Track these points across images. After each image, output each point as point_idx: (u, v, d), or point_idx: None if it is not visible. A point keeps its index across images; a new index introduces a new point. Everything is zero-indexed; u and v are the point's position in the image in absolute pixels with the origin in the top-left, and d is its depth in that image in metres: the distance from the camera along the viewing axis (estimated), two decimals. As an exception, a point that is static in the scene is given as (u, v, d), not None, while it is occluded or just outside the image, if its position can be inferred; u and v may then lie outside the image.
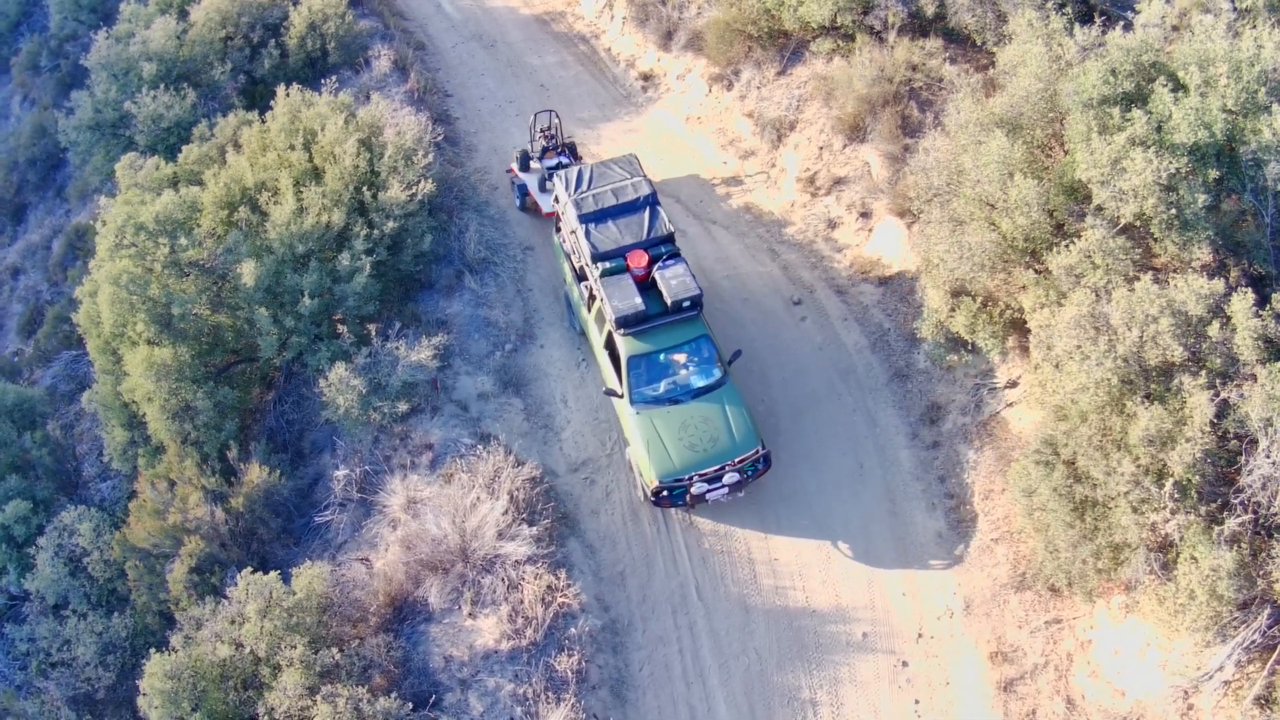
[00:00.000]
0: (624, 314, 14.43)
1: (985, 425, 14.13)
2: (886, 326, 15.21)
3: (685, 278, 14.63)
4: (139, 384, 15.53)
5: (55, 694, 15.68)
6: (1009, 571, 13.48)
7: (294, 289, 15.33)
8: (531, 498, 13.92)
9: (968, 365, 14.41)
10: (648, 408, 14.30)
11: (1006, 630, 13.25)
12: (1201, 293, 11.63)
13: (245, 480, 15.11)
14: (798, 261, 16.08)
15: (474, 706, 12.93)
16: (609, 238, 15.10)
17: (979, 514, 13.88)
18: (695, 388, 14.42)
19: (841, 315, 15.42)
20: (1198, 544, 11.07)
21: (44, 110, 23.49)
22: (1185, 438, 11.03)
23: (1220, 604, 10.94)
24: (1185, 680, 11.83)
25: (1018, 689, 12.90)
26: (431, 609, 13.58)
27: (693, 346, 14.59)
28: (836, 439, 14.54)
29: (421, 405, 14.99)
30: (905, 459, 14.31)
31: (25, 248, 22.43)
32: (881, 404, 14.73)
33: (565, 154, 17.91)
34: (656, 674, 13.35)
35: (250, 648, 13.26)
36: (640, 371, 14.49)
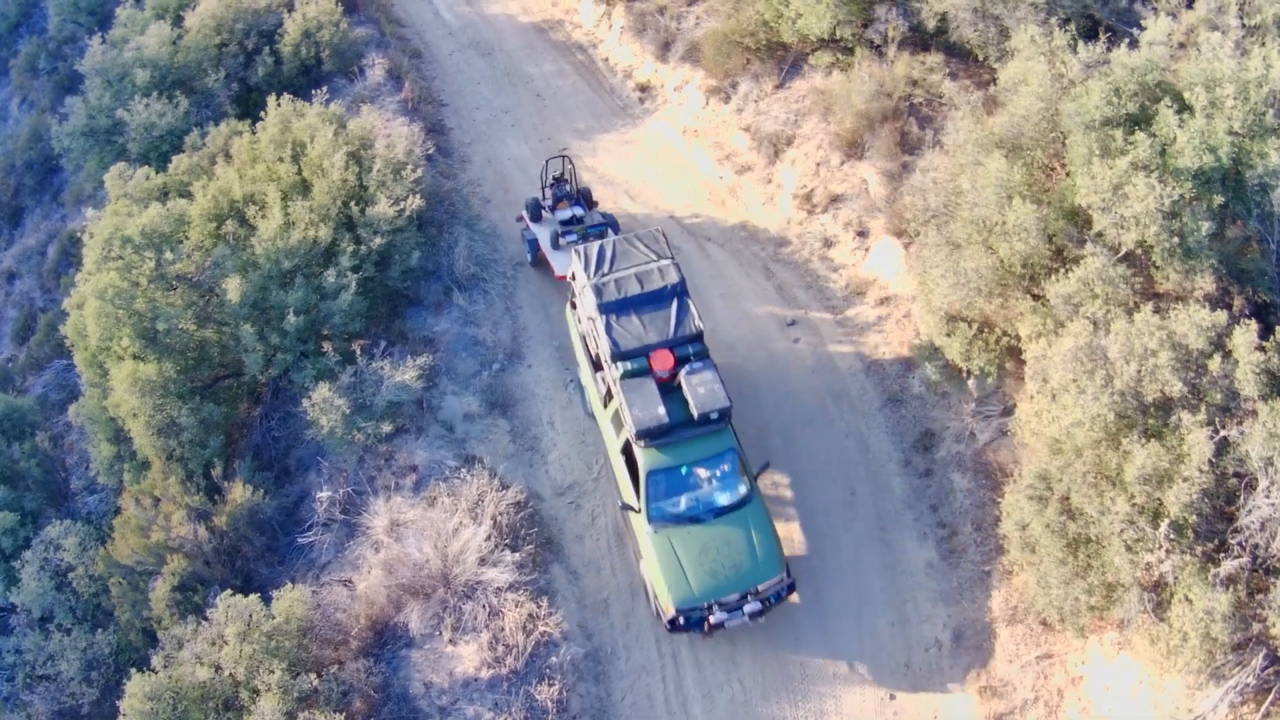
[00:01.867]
0: (645, 426, 13.32)
1: (979, 454, 13.85)
2: (881, 350, 14.92)
3: (714, 385, 13.49)
4: (124, 399, 15.43)
5: (40, 708, 15.64)
6: (1000, 604, 13.22)
7: (280, 306, 15.19)
8: (515, 523, 13.75)
9: (963, 392, 14.10)
10: (666, 526, 13.27)
11: (996, 664, 13.00)
12: (1203, 325, 11.31)
13: (229, 499, 15.00)
14: (793, 280, 15.81)
15: (452, 734, 12.80)
16: (631, 333, 13.91)
17: (971, 544, 13.61)
18: (719, 506, 13.38)
19: (836, 337, 15.15)
20: (1192, 585, 10.80)
21: (42, 113, 23.48)
22: (1182, 477, 10.74)
23: (1214, 646, 10.68)
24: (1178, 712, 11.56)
25: (1005, 726, 12.66)
26: (412, 634, 13.43)
27: (719, 461, 13.50)
28: (828, 464, 14.29)
29: (407, 425, 14.84)
30: (897, 486, 14.05)
31: (21, 252, 22.43)
32: (874, 429, 14.47)
33: (580, 203, 16.95)
34: (639, 704, 13.16)
35: (229, 671, 13.17)
36: (660, 487, 13.44)
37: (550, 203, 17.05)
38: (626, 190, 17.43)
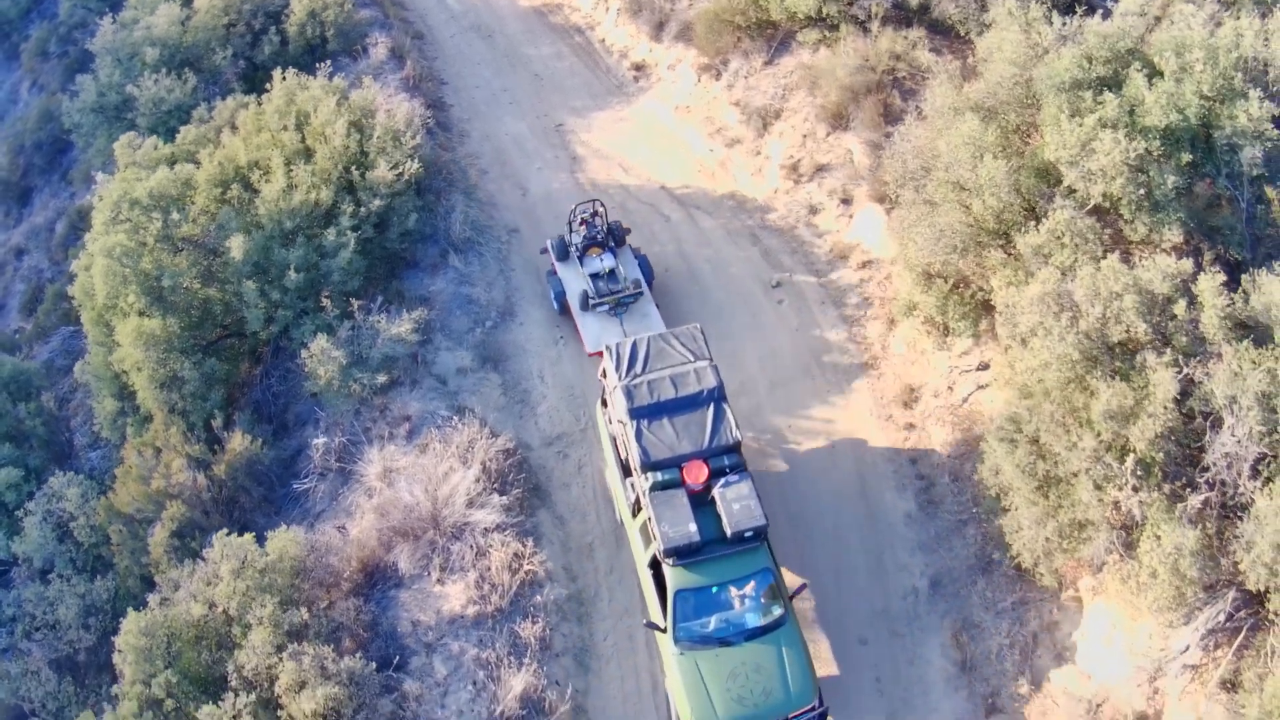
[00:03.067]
0: (675, 544, 12.80)
1: (958, 408, 14.45)
2: (863, 311, 15.57)
3: (750, 501, 12.98)
4: (129, 354, 16.13)
5: (38, 655, 16.20)
6: (976, 553, 13.78)
7: (281, 263, 15.92)
8: (504, 468, 14.37)
9: (942, 349, 14.72)
10: (693, 648, 12.80)
11: (972, 611, 13.54)
12: (1168, 271, 11.92)
13: (228, 449, 15.66)
14: (778, 246, 16.51)
15: (438, 670, 13.35)
16: (664, 442, 13.38)
17: (948, 495, 14.20)
18: (750, 627, 12.90)
19: (819, 299, 15.82)
20: (1160, 522, 11.33)
21: (52, 96, 24.39)
22: (1148, 413, 11.28)
23: (1184, 583, 11.17)
24: (1150, 661, 12.02)
25: (981, 670, 13.20)
26: (401, 574, 14.02)
27: (752, 580, 13.00)
28: (810, 419, 14.91)
29: (401, 379, 15.51)
30: (877, 435, 14.69)
31: (29, 229, 23.25)
32: (857, 387, 15.08)
33: (611, 250, 16.47)
34: (620, 644, 13.75)
35: (223, 607, 13.75)
36: (688, 606, 12.97)
37: (579, 246, 16.55)
38: (620, 164, 18.18)
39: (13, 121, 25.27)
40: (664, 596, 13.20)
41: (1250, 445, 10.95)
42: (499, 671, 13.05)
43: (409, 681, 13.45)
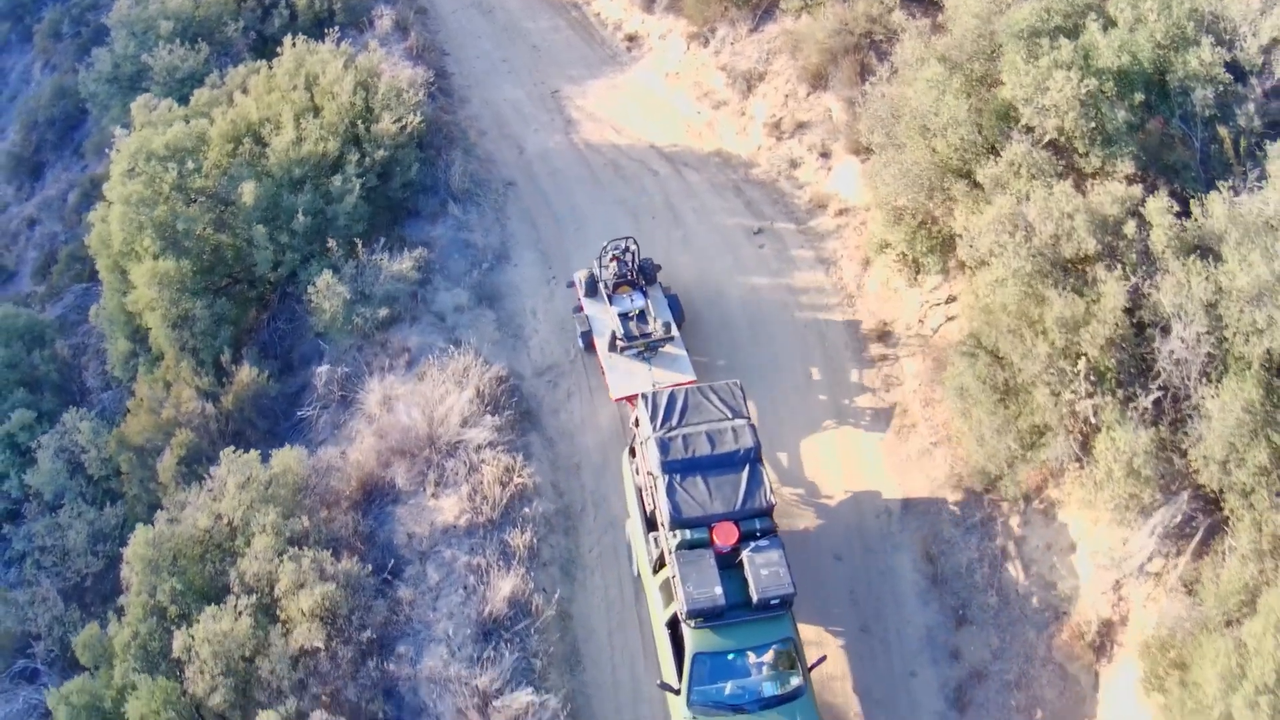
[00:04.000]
0: (699, 606, 12.84)
1: (928, 339, 15.66)
2: (840, 253, 16.91)
3: (779, 569, 12.99)
4: (143, 294, 17.44)
5: (47, 584, 17.28)
6: (946, 473, 14.96)
7: (290, 209, 17.28)
8: (497, 394, 15.61)
9: (913, 286, 15.97)
10: (706, 713, 12.90)
11: (942, 528, 14.69)
12: (1118, 195, 13.20)
13: (236, 381, 16.90)
14: (761, 198, 17.86)
15: (430, 576, 14.50)
16: (696, 500, 13.38)
17: (920, 421, 15.39)
18: (765, 697, 12.96)
19: (798, 244, 17.14)
20: (1114, 424, 12.47)
21: (64, 75, 25.89)
22: (1098, 319, 12.47)
23: (1139, 482, 12.28)
24: (1111, 562, 13.06)
25: (952, 583, 14.34)
26: (398, 491, 15.21)
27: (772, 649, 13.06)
28: (789, 351, 16.22)
29: (402, 315, 16.79)
30: (853, 370, 15.87)
31: (42, 201, 24.66)
32: (832, 322, 16.34)
33: (642, 290, 16.42)
34: (605, 556, 14.90)
35: (228, 518, 14.90)
36: (704, 670, 13.02)
37: (609, 284, 16.47)
38: (612, 126, 19.59)
39: (25, 100, 26.79)
40: (680, 657, 13.21)
41: (1198, 349, 12.12)
42: (488, 576, 14.19)
43: (403, 588, 14.61)
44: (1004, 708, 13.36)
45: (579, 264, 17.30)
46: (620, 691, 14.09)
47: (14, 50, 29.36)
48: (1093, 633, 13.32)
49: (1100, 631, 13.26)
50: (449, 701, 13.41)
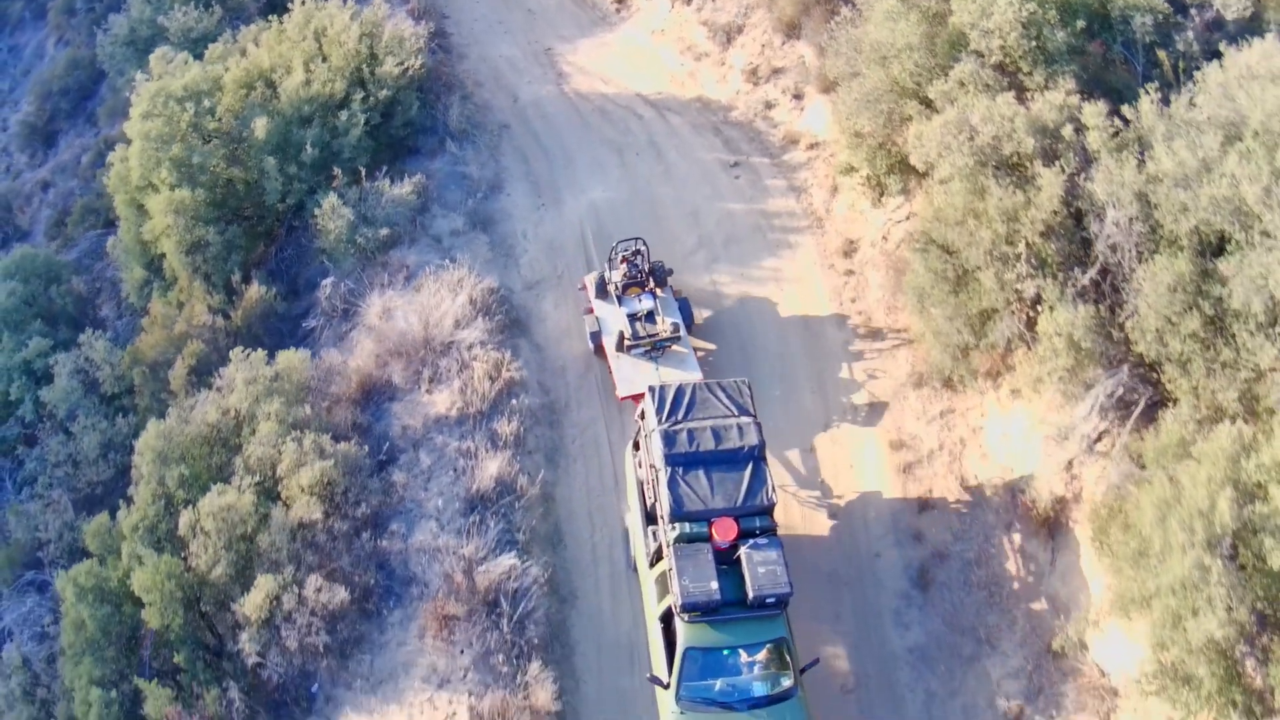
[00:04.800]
0: (694, 600, 13.16)
1: (891, 253, 17.26)
2: (811, 182, 18.64)
3: (777, 567, 13.26)
4: (159, 222, 19.09)
5: (58, 495, 18.69)
6: (908, 372, 16.48)
7: (298, 142, 19.01)
8: (489, 302, 17.20)
9: (878, 207, 17.61)
10: (694, 710, 13.17)
11: (906, 422, 16.18)
12: (1056, 103, 14.82)
13: (245, 298, 18.48)
14: (738, 136, 19.64)
15: (423, 461, 15.97)
16: (697, 494, 13.72)
17: (884, 327, 16.92)
18: (755, 696, 13.22)
19: (772, 175, 18.88)
20: (1055, 302, 13.82)
21: (78, 49, 27.81)
22: (1036, 206, 13.98)
23: (1080, 355, 13.47)
24: (1057, 432, 14.33)
25: (915, 472, 15.80)
26: (395, 389, 16.74)
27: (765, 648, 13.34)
28: (760, 264, 17.84)
29: (401, 237, 18.39)
30: (822, 283, 17.56)
31: (56, 165, 26.42)
32: (803, 241, 18.01)
33: (651, 293, 16.94)
34: (586, 447, 16.39)
35: (234, 410, 16.38)
36: (695, 666, 13.30)
37: (619, 285, 16.99)
38: (600, 78, 21.44)
39: (39, 73, 28.70)
40: (672, 652, 13.44)
41: (1131, 231, 13.42)
42: (476, 459, 15.65)
43: (397, 473, 16.06)
44: (965, 585, 14.70)
45: (567, 194, 19.03)
46: (600, 569, 15.49)
47: (28, 27, 31.41)
48: (1047, 508, 14.57)
49: (1055, 508, 14.56)
50: (437, 569, 14.83)
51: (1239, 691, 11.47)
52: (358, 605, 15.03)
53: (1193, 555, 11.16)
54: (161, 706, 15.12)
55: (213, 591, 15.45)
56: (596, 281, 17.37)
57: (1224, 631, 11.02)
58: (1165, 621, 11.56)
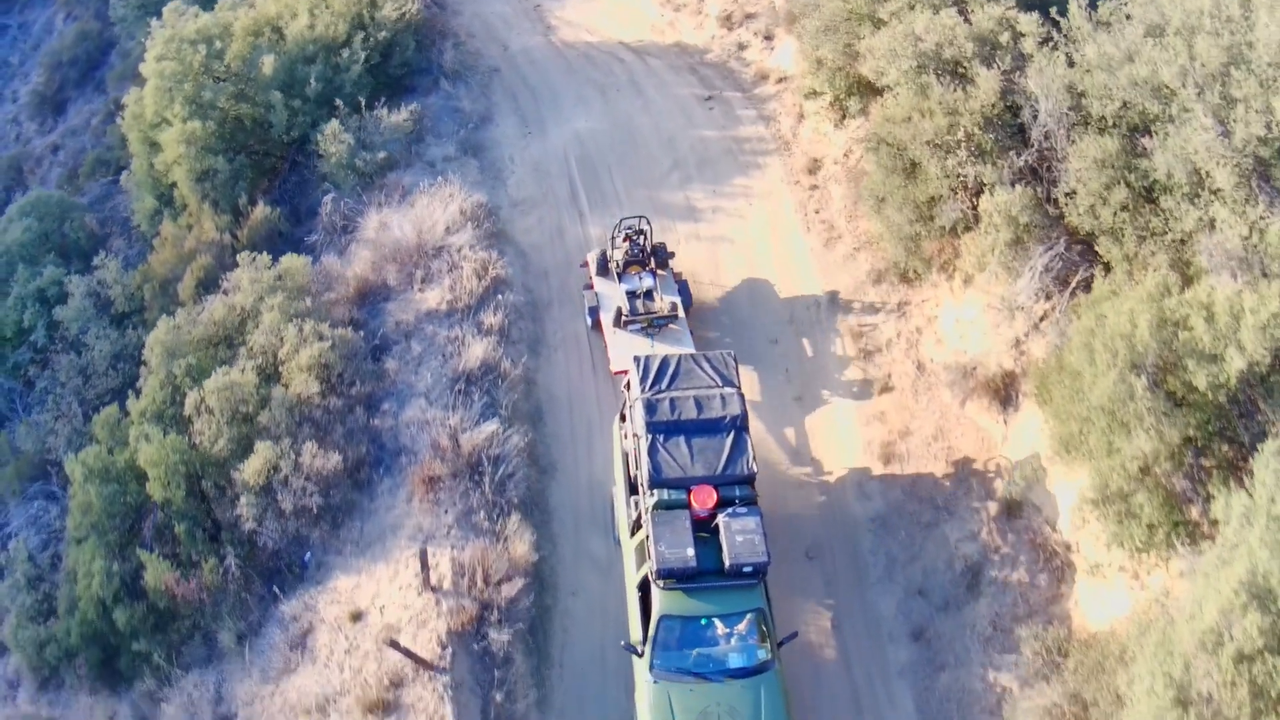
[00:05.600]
0: (670, 566, 13.45)
1: (852, 168, 19.03)
2: (779, 111, 20.53)
3: (755, 536, 13.51)
4: (171, 151, 20.87)
5: (68, 402, 20.20)
6: (867, 270, 18.21)
7: (303, 78, 20.89)
8: (478, 213, 18.93)
9: (840, 128, 19.45)
10: (669, 679, 13.36)
11: (866, 314, 17.79)
12: (995, 15, 16.65)
13: (251, 219, 20.20)
14: (713, 74, 21.61)
15: (414, 349, 17.60)
16: (677, 461, 14.14)
17: (845, 233, 18.69)
18: (731, 667, 13.47)
19: (742, 105, 20.79)
20: (995, 184, 15.45)
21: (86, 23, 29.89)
22: (975, 99, 15.74)
23: (1019, 230, 15.04)
24: (1001, 303, 15.66)
25: (875, 359, 17.35)
26: (390, 289, 18.41)
27: (742, 620, 13.62)
28: (732, 183, 19.63)
29: (397, 161, 20.20)
30: (787, 196, 19.36)
31: (66, 130, 28.36)
32: (769, 164, 19.84)
33: (652, 272, 17.62)
34: (566, 339, 18.04)
35: (240, 308, 18.02)
36: (671, 635, 13.55)
37: (620, 263, 17.66)
38: (586, 29, 23.49)
39: (48, 46, 30.77)
40: (648, 620, 13.72)
41: (1062, 117, 15.00)
42: (464, 344, 17.24)
43: (390, 361, 17.65)
44: (924, 458, 16.22)
45: (553, 125, 20.89)
46: (578, 447, 17.04)
47: (36, 4, 33.64)
48: (998, 382, 16.07)
49: (1005, 382, 16.08)
50: (425, 438, 16.34)
51: (1179, 521, 12.65)
52: (350, 475, 16.52)
53: (1115, 373, 12.42)
54: (160, 575, 16.55)
55: (214, 469, 16.94)
56: (598, 259, 18.08)
57: (1153, 446, 12.22)
58: (1100, 450, 12.87)
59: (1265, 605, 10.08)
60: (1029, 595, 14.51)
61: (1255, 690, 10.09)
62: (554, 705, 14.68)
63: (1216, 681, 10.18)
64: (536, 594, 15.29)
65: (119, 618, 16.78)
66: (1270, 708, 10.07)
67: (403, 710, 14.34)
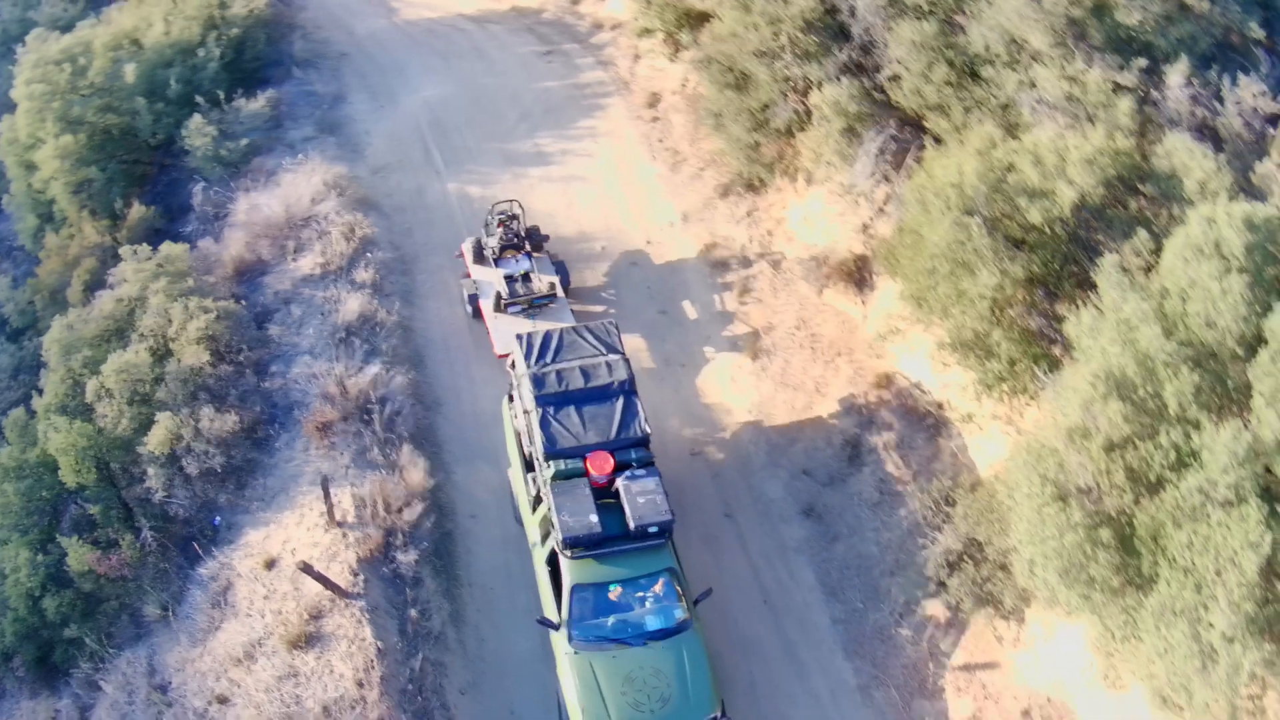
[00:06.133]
0: (575, 534, 13.66)
1: (691, 96, 20.88)
2: (616, 56, 22.46)
3: (656, 496, 13.86)
4: (47, 168, 22.12)
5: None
6: (715, 187, 20.09)
7: (164, 81, 22.26)
8: (340, 182, 20.43)
9: (675, 61, 21.28)
10: (589, 648, 13.60)
11: (717, 226, 19.62)
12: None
13: (129, 219, 21.53)
14: (550, 32, 23.57)
15: (294, 312, 19.07)
16: (570, 431, 14.43)
17: (691, 155, 20.57)
18: (650, 630, 13.70)
19: (581, 55, 22.68)
20: (822, 80, 17.03)
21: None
22: (794, 5, 17.19)
23: (850, 119, 16.55)
24: (841, 187, 17.40)
25: (730, 265, 19.14)
26: (265, 264, 19.83)
27: (654, 581, 13.84)
28: (577, 126, 21.42)
29: (260, 147, 21.67)
30: (631, 131, 21.27)
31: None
32: (611, 104, 21.66)
33: (528, 255, 18.31)
34: (436, 288, 19.63)
35: (128, 298, 19.34)
36: (585, 604, 13.74)
37: (495, 249, 18.32)
38: (427, 6, 25.60)
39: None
40: (559, 593, 13.91)
41: (879, 11, 16.45)
42: (341, 301, 18.76)
43: (273, 327, 19.08)
44: (790, 348, 17.87)
45: (403, 96, 22.50)
46: (459, 382, 18.56)
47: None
48: (850, 265, 17.76)
49: (858, 265, 17.78)
50: (314, 389, 17.81)
51: (1039, 354, 13.69)
52: (248, 435, 17.90)
53: (949, 218, 13.43)
54: (82, 557, 17.78)
55: (120, 450, 18.23)
56: (473, 247, 18.76)
57: (996, 280, 13.14)
58: (950, 296, 13.88)
59: (1124, 394, 10.97)
60: (909, 457, 16.12)
61: (1131, 476, 10.98)
62: (468, 620, 15.99)
63: (1091, 472, 11.00)
64: (437, 519, 16.67)
65: (48, 606, 17.88)
66: (1150, 491, 10.93)
67: (325, 639, 15.65)
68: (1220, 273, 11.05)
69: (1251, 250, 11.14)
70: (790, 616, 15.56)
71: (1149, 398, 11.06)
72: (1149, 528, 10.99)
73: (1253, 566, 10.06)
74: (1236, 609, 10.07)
